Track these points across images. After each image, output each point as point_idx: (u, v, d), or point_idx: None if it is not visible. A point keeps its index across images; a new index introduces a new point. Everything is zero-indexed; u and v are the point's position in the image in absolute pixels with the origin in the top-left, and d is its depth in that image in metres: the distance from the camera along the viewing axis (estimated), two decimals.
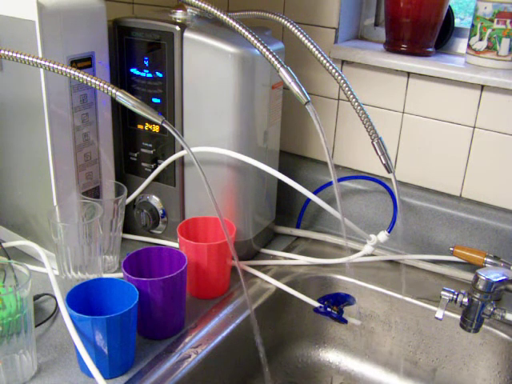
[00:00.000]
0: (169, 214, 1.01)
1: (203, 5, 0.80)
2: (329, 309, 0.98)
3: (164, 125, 0.72)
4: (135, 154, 1.00)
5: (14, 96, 0.90)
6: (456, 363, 0.96)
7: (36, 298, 0.86)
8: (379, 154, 0.76)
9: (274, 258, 1.05)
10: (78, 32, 0.85)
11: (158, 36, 0.90)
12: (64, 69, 0.71)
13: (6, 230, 1.01)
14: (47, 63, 0.71)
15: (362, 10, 1.15)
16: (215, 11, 0.79)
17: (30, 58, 0.72)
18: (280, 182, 0.95)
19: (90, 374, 0.71)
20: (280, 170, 0.95)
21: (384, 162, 0.76)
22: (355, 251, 1.04)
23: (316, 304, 0.97)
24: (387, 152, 0.77)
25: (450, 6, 1.05)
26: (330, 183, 1.10)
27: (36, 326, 0.80)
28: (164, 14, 0.94)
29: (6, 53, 0.73)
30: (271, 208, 1.07)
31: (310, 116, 0.69)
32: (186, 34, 0.88)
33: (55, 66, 0.71)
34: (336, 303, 0.99)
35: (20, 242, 0.96)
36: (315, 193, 1.01)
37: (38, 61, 0.72)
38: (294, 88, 0.70)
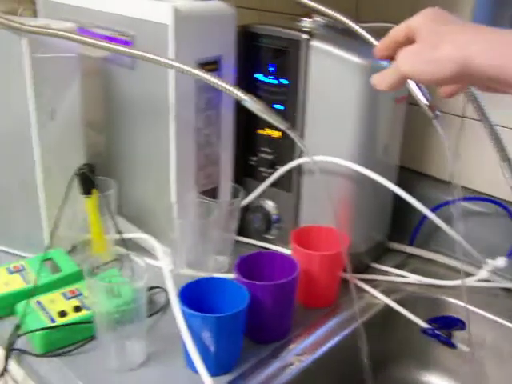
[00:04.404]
0: (282, 220, 1.01)
1: (333, 13, 0.80)
2: (437, 331, 0.95)
3: (289, 132, 0.72)
4: (254, 159, 1.02)
5: (142, 94, 0.93)
6: None
7: (148, 289, 0.89)
8: (507, 176, 0.73)
9: (385, 273, 1.02)
10: (208, 36, 0.88)
11: (285, 43, 0.91)
12: (197, 72, 0.72)
13: (124, 222, 1.05)
14: (181, 65, 0.73)
15: None
16: (345, 20, 0.78)
17: (165, 60, 0.75)
18: (395, 196, 0.93)
19: (194, 370, 0.73)
20: (397, 185, 0.93)
21: None
22: (469, 275, 1.00)
23: (424, 325, 0.94)
24: None
25: None
26: (448, 202, 1.06)
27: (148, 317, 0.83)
28: (291, 22, 0.95)
29: (141, 53, 0.76)
30: (385, 222, 1.05)
31: (432, 132, 0.67)
32: (313, 42, 0.88)
33: (188, 69, 0.73)
34: (446, 326, 0.96)
35: (139, 235, 1.00)
36: (432, 211, 0.98)
37: (172, 62, 0.74)
38: (423, 101, 0.68)
